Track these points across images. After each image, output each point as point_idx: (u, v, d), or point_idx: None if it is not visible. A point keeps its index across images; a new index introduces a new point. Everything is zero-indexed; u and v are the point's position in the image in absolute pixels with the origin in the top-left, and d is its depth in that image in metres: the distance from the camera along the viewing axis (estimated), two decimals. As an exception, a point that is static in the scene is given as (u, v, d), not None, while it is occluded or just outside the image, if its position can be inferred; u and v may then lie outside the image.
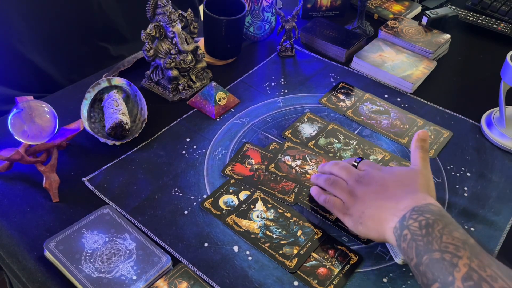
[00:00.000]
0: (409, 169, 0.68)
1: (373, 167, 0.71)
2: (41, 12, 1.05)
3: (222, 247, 0.70)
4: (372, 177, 0.68)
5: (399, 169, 0.69)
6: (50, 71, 1.12)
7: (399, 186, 0.65)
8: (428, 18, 1.15)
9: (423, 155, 0.69)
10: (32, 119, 0.76)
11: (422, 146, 0.69)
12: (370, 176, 0.69)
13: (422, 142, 0.69)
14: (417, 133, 0.70)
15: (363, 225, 0.66)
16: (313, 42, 1.12)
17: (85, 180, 0.79)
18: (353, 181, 0.69)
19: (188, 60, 0.96)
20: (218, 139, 0.88)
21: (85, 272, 0.64)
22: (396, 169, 0.70)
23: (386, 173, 0.68)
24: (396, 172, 0.68)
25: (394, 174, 0.68)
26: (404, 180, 0.66)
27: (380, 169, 0.70)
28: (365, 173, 0.70)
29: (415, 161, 0.69)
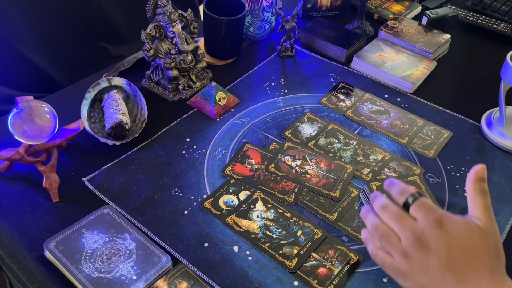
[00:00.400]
0: (476, 230, 0.52)
1: (431, 221, 0.52)
2: (41, 12, 1.05)
3: (222, 247, 0.70)
4: (433, 242, 0.52)
5: (465, 229, 0.52)
6: (50, 71, 1.12)
7: (468, 262, 0.51)
8: (428, 18, 1.15)
9: (486, 202, 0.53)
10: (32, 119, 0.76)
11: (483, 190, 0.53)
12: (431, 239, 0.52)
13: (482, 182, 0.53)
14: (474, 169, 0.53)
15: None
16: (313, 42, 1.12)
17: (85, 180, 0.79)
18: (409, 242, 0.53)
19: (188, 60, 0.96)
20: (218, 139, 0.88)
21: (85, 272, 0.64)
22: (461, 227, 0.52)
23: (451, 237, 0.52)
24: (461, 234, 0.52)
25: (460, 238, 0.52)
26: (473, 248, 0.51)
27: (440, 224, 0.52)
28: (423, 233, 0.52)
29: (477, 212, 0.53)
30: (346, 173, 0.82)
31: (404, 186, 0.56)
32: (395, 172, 0.82)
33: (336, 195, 0.78)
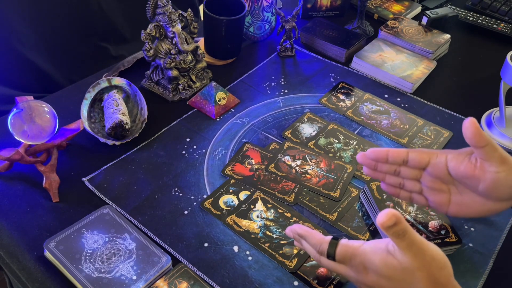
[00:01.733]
0: (401, 271, 0.52)
1: (357, 269, 0.55)
2: (41, 12, 1.05)
3: (222, 247, 0.70)
4: (369, 285, 0.55)
5: (389, 272, 0.53)
6: (50, 71, 1.12)
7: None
8: (428, 18, 1.15)
9: (406, 243, 0.50)
10: (32, 119, 0.76)
11: (396, 233, 0.50)
12: (365, 286, 0.55)
13: (392, 228, 0.49)
14: (378, 221, 0.49)
15: None
16: (313, 42, 1.12)
17: (85, 180, 0.79)
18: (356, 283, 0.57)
19: (188, 60, 0.96)
20: (218, 139, 0.88)
21: (85, 272, 0.64)
22: (385, 272, 0.53)
23: (380, 279, 0.53)
24: (387, 276, 0.53)
25: (387, 279, 0.53)
26: (406, 287, 0.52)
27: (366, 270, 0.54)
28: (358, 281, 0.56)
29: (401, 252, 0.51)
30: (346, 173, 0.82)
31: (317, 237, 0.58)
32: (395, 172, 0.82)
33: (336, 195, 0.78)
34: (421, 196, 0.65)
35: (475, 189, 0.59)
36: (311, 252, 0.60)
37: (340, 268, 0.57)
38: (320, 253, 0.58)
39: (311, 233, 0.59)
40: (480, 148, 0.56)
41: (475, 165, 0.57)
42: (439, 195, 0.63)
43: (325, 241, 0.57)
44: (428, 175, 0.62)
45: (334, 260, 0.57)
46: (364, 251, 0.54)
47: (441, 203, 0.63)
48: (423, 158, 0.61)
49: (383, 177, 0.66)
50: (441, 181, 0.62)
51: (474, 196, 0.60)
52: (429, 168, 0.61)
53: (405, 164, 0.63)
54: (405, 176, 0.64)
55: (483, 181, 0.57)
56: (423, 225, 0.71)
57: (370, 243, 0.55)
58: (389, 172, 0.65)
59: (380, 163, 0.64)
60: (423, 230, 0.70)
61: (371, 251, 0.54)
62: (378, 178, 0.66)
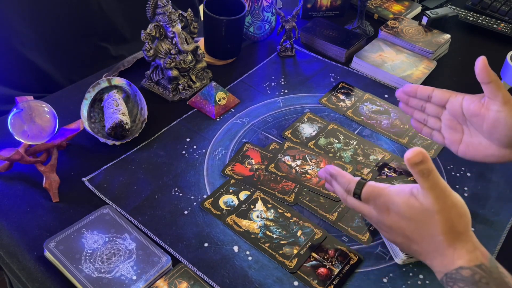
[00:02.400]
0: (422, 212, 0.55)
1: (380, 211, 0.59)
2: (41, 12, 1.05)
3: (222, 247, 0.70)
4: (389, 227, 0.59)
5: (410, 213, 0.56)
6: (50, 71, 1.12)
7: (422, 239, 0.56)
8: (428, 18, 1.15)
9: (429, 183, 0.54)
10: (32, 119, 0.76)
11: (422, 172, 0.53)
12: (386, 225, 0.60)
13: (418, 166, 0.53)
14: (406, 157, 0.53)
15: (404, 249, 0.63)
16: (313, 42, 1.12)
17: (85, 180, 0.79)
18: (374, 224, 0.63)
19: (188, 60, 0.96)
20: (218, 139, 0.88)
21: (85, 272, 0.64)
22: (407, 212, 0.56)
23: (400, 222, 0.57)
24: (409, 218, 0.56)
25: (408, 222, 0.56)
26: (423, 228, 0.55)
27: (388, 210, 0.58)
28: (378, 221, 0.61)
29: (424, 193, 0.55)
30: (346, 173, 0.82)
31: (346, 177, 0.63)
32: (395, 172, 0.82)
33: (336, 195, 0.78)
34: (439, 133, 0.73)
35: (481, 130, 0.66)
36: (339, 192, 0.65)
37: (364, 207, 0.62)
38: (348, 192, 0.63)
39: (342, 173, 0.64)
40: (486, 84, 0.64)
41: (483, 104, 0.65)
42: (454, 134, 0.71)
43: (353, 181, 0.62)
44: (447, 112, 0.71)
45: (359, 199, 0.61)
46: (389, 192, 0.58)
47: (454, 141, 0.71)
48: (445, 95, 0.71)
49: (412, 112, 0.76)
50: (456, 120, 0.70)
51: (481, 138, 0.67)
52: (448, 105, 0.70)
53: (429, 99, 0.72)
54: (429, 112, 0.73)
55: (486, 119, 0.64)
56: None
57: (395, 186, 0.59)
58: (417, 107, 0.74)
59: (411, 98, 0.74)
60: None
61: (395, 192, 0.58)
62: (408, 113, 0.77)
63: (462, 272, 0.52)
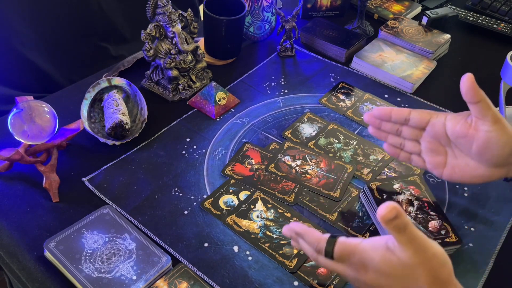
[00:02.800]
0: (401, 266, 0.51)
1: (357, 269, 0.54)
2: (41, 12, 1.05)
3: (222, 247, 0.70)
4: (369, 286, 0.54)
5: (389, 269, 0.52)
6: (50, 71, 1.12)
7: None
8: (428, 18, 1.15)
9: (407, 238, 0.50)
10: (32, 119, 0.76)
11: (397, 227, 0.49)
12: (365, 284, 0.54)
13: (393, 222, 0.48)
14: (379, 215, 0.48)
15: None
16: (313, 42, 1.12)
17: (85, 180, 0.79)
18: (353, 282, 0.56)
19: (188, 60, 0.96)
20: (218, 139, 0.88)
21: (85, 272, 0.64)
22: (386, 269, 0.52)
23: (380, 279, 0.52)
24: (387, 273, 0.52)
25: (387, 277, 0.52)
26: (406, 283, 0.51)
27: (365, 268, 0.53)
28: (357, 280, 0.55)
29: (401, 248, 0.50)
30: (346, 173, 0.82)
31: (314, 235, 0.56)
32: (395, 172, 0.82)
33: (336, 195, 0.78)
34: (419, 157, 0.67)
35: (469, 151, 0.61)
36: (308, 251, 0.58)
37: (338, 267, 0.55)
38: (318, 252, 0.56)
39: (308, 231, 0.57)
40: (474, 103, 0.58)
41: (470, 124, 0.60)
42: (436, 157, 0.65)
43: (323, 239, 0.56)
44: (428, 135, 0.65)
45: (332, 259, 0.55)
46: (363, 248, 0.53)
47: (437, 164, 0.65)
48: (424, 117, 0.64)
49: (385, 137, 0.68)
50: (439, 142, 0.64)
51: (468, 160, 0.62)
52: (428, 127, 0.64)
53: (406, 123, 0.65)
54: (406, 136, 0.67)
55: (476, 140, 0.59)
56: (423, 225, 0.71)
57: (369, 240, 0.54)
58: (391, 131, 0.67)
59: (384, 122, 0.67)
60: (423, 230, 0.70)
61: (370, 248, 0.53)
62: (381, 138, 0.69)
63: None
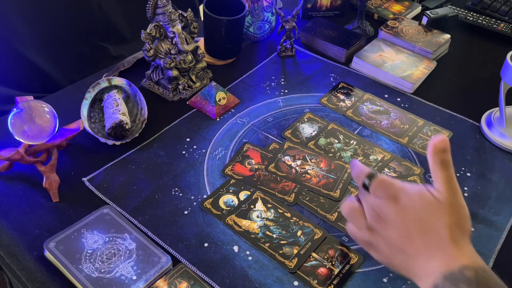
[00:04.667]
0: (433, 202, 0.53)
1: (388, 197, 0.55)
2: (41, 12, 1.05)
3: (222, 247, 0.70)
4: (390, 216, 0.54)
5: (421, 202, 0.53)
6: (50, 71, 1.12)
7: (424, 233, 0.53)
8: (428, 18, 1.15)
9: (447, 174, 0.52)
10: (32, 119, 0.76)
11: (443, 161, 0.52)
12: (388, 214, 0.55)
13: (442, 154, 0.52)
14: (432, 142, 0.53)
15: (394, 268, 0.57)
16: (313, 42, 1.12)
17: (85, 180, 0.79)
18: (371, 218, 0.56)
19: (188, 60, 0.96)
20: (218, 139, 0.88)
21: (85, 272, 0.64)
22: (416, 201, 0.53)
23: (406, 211, 0.54)
24: (418, 208, 0.53)
25: (416, 211, 0.53)
26: (429, 219, 0.52)
27: (396, 199, 0.54)
28: (381, 208, 0.55)
29: (437, 185, 0.53)
30: (346, 173, 0.82)
31: (359, 168, 0.58)
32: (395, 172, 0.82)
33: (336, 195, 0.78)
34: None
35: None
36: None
37: (370, 199, 0.56)
38: (357, 178, 0.58)
39: (355, 164, 0.59)
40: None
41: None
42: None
43: (365, 172, 0.57)
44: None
45: (367, 190, 0.56)
46: (402, 185, 0.55)
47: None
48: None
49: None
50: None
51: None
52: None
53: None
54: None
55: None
56: None
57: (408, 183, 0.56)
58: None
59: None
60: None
61: (409, 185, 0.55)
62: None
63: (466, 272, 0.49)
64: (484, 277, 0.49)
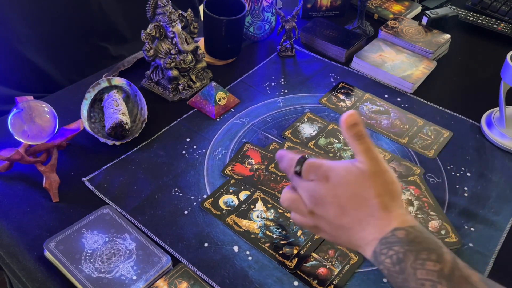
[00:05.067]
0: (358, 174, 0.55)
1: (319, 178, 0.56)
2: (41, 12, 1.05)
3: (222, 247, 0.70)
4: (324, 196, 0.56)
5: (346, 175, 0.55)
6: (50, 71, 1.12)
7: (356, 205, 0.55)
8: (428, 18, 1.15)
9: (364, 145, 0.55)
10: (32, 119, 0.76)
11: (357, 134, 0.55)
12: (322, 194, 0.56)
13: (354, 127, 0.54)
14: (343, 118, 0.55)
15: (341, 245, 0.60)
16: (313, 42, 1.12)
17: (85, 180, 0.79)
18: (309, 202, 0.58)
19: (188, 60, 0.96)
20: (218, 139, 0.88)
21: (85, 272, 0.64)
22: (343, 175, 0.55)
23: (337, 186, 0.55)
24: (346, 182, 0.55)
25: (345, 186, 0.55)
26: (358, 192, 0.55)
27: (327, 178, 0.56)
28: (316, 190, 0.57)
29: (359, 157, 0.55)
30: (346, 173, 0.82)
31: (289, 157, 0.60)
32: (395, 172, 0.82)
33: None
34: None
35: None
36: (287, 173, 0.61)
37: (303, 184, 0.58)
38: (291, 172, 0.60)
39: (286, 154, 0.61)
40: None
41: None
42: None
43: (295, 160, 0.59)
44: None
45: (300, 176, 0.58)
46: (329, 164, 0.57)
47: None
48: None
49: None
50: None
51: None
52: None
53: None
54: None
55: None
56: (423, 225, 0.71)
57: (335, 161, 0.59)
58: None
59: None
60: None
61: (335, 163, 0.57)
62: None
63: (397, 233, 0.52)
64: (414, 234, 0.52)
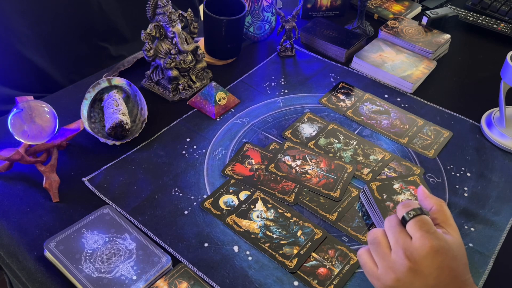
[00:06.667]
0: (460, 247, 0.52)
1: (427, 247, 0.50)
2: (41, 12, 1.05)
3: (222, 247, 0.70)
4: (426, 269, 0.50)
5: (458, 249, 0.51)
6: (50, 71, 1.12)
7: (450, 280, 0.50)
8: (428, 18, 1.15)
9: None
10: (32, 119, 0.76)
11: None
12: (424, 266, 0.50)
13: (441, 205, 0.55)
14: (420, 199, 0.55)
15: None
16: (313, 42, 1.12)
17: (85, 180, 0.79)
18: (398, 260, 0.51)
19: (188, 60, 0.96)
20: (218, 139, 0.88)
21: (85, 272, 0.64)
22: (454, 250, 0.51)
23: (444, 263, 0.50)
24: (452, 256, 0.51)
25: (450, 260, 0.50)
26: (456, 268, 0.51)
27: (437, 252, 0.50)
28: (416, 257, 0.50)
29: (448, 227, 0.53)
30: (346, 173, 0.82)
31: (411, 202, 0.54)
32: (395, 172, 0.82)
33: (336, 195, 0.78)
34: None
35: None
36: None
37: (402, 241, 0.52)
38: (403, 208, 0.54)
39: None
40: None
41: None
42: None
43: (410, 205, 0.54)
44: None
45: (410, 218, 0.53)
46: (440, 235, 0.52)
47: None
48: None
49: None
50: None
51: None
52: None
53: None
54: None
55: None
56: None
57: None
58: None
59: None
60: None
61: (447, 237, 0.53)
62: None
63: None
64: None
